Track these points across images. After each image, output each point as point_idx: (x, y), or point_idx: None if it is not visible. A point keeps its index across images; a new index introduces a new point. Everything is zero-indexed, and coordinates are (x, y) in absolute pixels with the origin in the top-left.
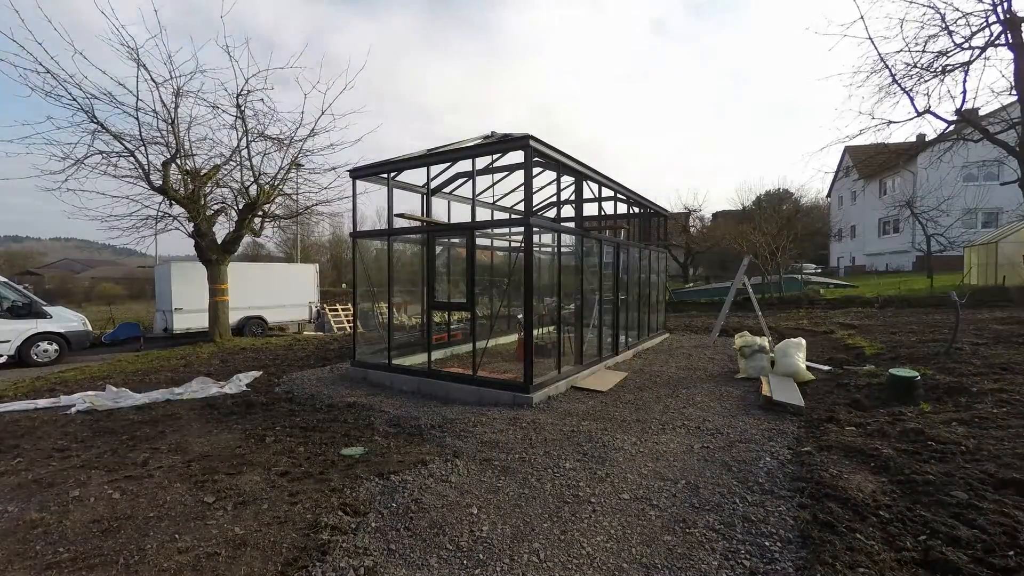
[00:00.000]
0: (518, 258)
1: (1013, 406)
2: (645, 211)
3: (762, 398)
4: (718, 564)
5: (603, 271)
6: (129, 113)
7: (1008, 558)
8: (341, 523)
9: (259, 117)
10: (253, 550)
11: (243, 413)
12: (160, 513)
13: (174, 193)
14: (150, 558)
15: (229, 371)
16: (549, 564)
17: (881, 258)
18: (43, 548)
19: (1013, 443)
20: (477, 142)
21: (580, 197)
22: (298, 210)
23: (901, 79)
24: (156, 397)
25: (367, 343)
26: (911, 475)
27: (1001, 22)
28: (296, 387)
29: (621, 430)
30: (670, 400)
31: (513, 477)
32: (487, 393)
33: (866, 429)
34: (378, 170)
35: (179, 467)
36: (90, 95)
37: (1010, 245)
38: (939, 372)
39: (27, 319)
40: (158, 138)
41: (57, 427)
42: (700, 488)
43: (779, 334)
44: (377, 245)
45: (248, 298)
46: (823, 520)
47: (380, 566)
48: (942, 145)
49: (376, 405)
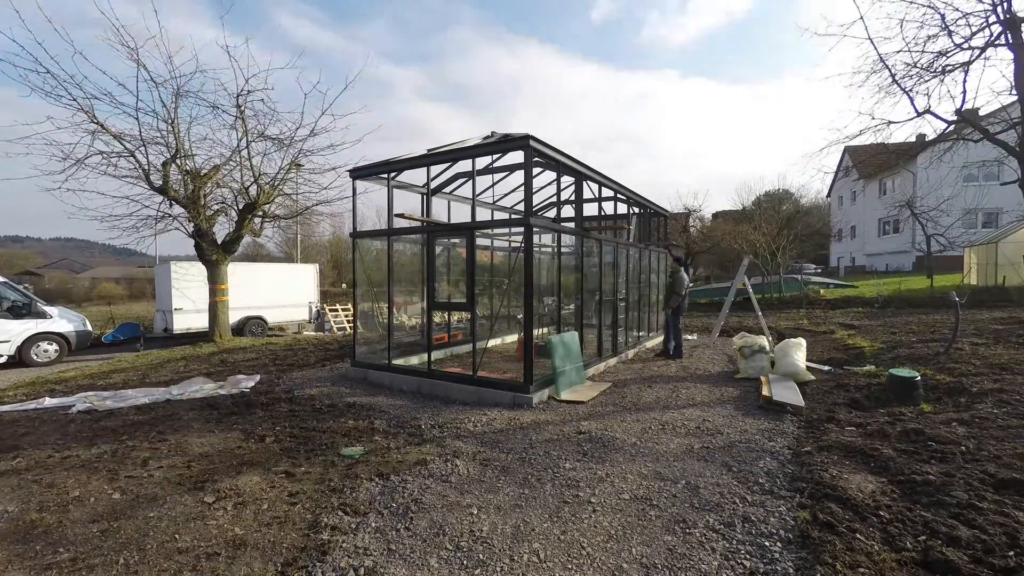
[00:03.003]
0: (518, 258)
1: (1013, 406)
2: (645, 211)
3: (762, 398)
4: (718, 564)
5: (603, 271)
6: (129, 113)
7: (1008, 558)
8: (341, 523)
9: (259, 117)
10: (253, 550)
11: (243, 413)
12: (160, 513)
13: (174, 193)
14: (150, 558)
15: (229, 371)
16: (549, 564)
17: (881, 258)
18: (43, 548)
19: (1013, 443)
20: (477, 142)
21: (580, 197)
22: (298, 210)
23: (901, 79)
24: (156, 397)
25: (367, 343)
26: (911, 475)
27: (1001, 22)
28: (296, 387)
29: (621, 430)
30: (670, 400)
31: (513, 477)
32: (487, 393)
33: (866, 429)
34: (378, 170)
35: (179, 467)
36: (90, 95)
37: (1010, 245)
38: (939, 372)
39: (27, 319)
40: (158, 138)
41: (57, 427)
42: (700, 488)
43: (779, 334)
44: (377, 245)
45: (248, 298)
46: (823, 520)
47: (380, 566)
48: (942, 145)
49: (376, 405)
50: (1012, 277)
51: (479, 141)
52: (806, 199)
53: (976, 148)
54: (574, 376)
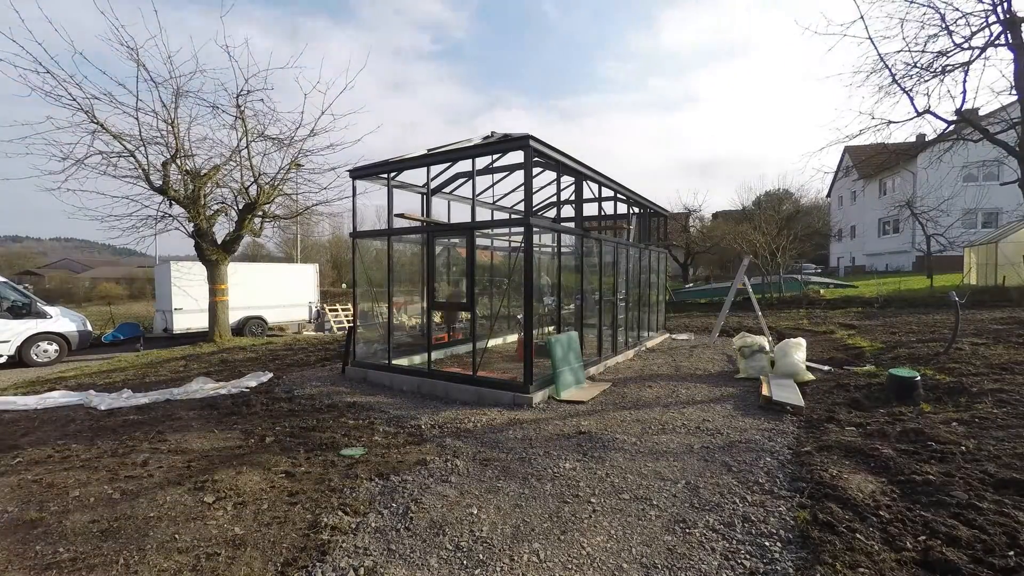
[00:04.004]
0: (518, 258)
1: (1013, 406)
2: (645, 211)
3: (762, 398)
4: (718, 564)
5: (603, 271)
6: (129, 113)
7: (1008, 558)
8: (341, 523)
9: (259, 117)
10: (253, 550)
11: (243, 413)
12: (160, 513)
13: (174, 193)
14: (150, 558)
15: (229, 371)
16: (549, 564)
17: (881, 258)
18: (43, 548)
19: (1013, 443)
20: (477, 142)
21: (580, 197)
22: (298, 210)
23: (901, 79)
24: (156, 397)
25: (367, 343)
26: (911, 475)
27: (1001, 22)
28: (296, 387)
29: (621, 430)
30: (670, 400)
31: (513, 477)
32: (487, 393)
33: (866, 429)
34: (378, 170)
35: (179, 467)
36: (90, 95)
37: (1010, 245)
38: (939, 372)
39: (27, 319)
40: (158, 138)
41: (57, 427)
42: (700, 488)
43: (779, 334)
44: (377, 245)
45: (248, 298)
46: (823, 520)
47: (380, 566)
48: (942, 145)
49: (376, 405)
50: (1012, 277)
51: (479, 141)
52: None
53: (976, 148)
54: (574, 376)
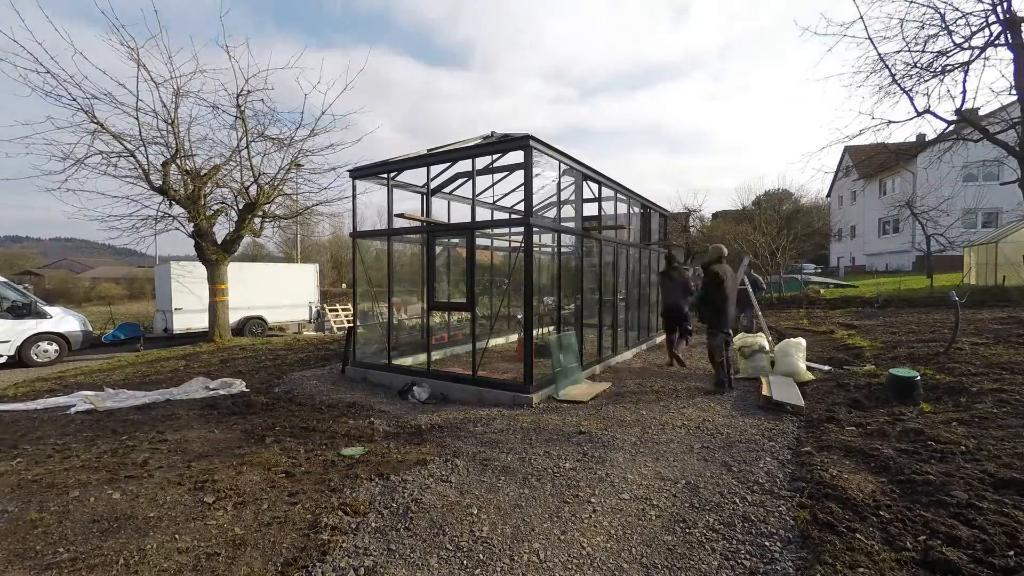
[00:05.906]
0: (518, 258)
1: (1013, 406)
2: (645, 211)
3: (762, 398)
4: (718, 564)
5: (603, 271)
6: (129, 113)
7: (1008, 558)
8: (341, 523)
9: (259, 117)
10: (253, 550)
11: (243, 413)
12: (160, 513)
13: (174, 193)
14: (150, 558)
15: (229, 371)
16: (549, 564)
17: (881, 258)
18: (43, 548)
19: (1013, 443)
20: (477, 142)
21: (580, 197)
22: (298, 210)
23: (901, 79)
24: (156, 397)
25: (367, 343)
26: (911, 475)
27: (1001, 22)
28: (296, 387)
29: (621, 430)
30: (670, 400)
31: (513, 477)
32: (487, 393)
33: (866, 429)
34: (378, 170)
35: (179, 467)
36: (90, 95)
37: (1010, 245)
38: (939, 372)
39: (27, 319)
40: (158, 138)
41: (57, 427)
42: (700, 488)
43: (779, 334)
44: (377, 245)
45: (248, 298)
46: (823, 520)
47: (380, 566)
48: (942, 145)
49: (376, 405)
50: (1012, 277)
51: (479, 141)
52: (806, 199)
53: (976, 148)
54: (574, 376)
